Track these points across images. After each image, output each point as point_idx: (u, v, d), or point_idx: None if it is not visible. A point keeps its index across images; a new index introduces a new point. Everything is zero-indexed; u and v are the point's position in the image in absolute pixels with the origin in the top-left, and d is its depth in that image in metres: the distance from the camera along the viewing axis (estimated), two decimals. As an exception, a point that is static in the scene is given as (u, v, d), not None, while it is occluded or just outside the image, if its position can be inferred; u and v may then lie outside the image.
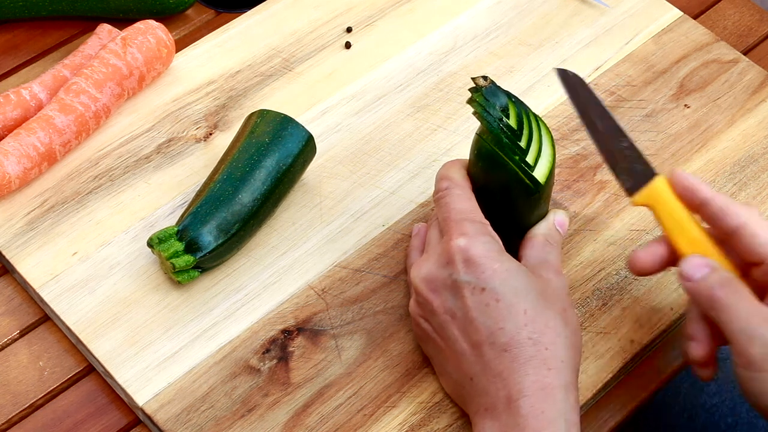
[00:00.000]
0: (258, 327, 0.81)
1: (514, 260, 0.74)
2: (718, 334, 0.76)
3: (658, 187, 0.77)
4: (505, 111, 0.77)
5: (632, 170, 0.78)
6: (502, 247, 0.75)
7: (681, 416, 0.89)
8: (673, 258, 0.76)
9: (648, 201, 0.77)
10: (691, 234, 0.76)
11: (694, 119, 0.94)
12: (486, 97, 0.77)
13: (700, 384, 0.89)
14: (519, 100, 0.78)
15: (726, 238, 0.76)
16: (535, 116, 0.78)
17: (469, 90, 0.78)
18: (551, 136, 0.78)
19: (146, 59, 0.90)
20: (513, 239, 0.79)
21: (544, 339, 0.70)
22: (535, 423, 0.67)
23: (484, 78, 0.78)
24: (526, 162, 0.76)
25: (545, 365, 0.69)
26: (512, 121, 0.77)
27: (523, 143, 0.76)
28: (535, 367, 0.69)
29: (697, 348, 0.75)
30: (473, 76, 0.78)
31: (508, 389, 0.69)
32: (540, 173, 0.77)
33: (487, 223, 0.76)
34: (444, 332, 0.73)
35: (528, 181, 0.76)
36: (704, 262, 0.73)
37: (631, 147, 0.78)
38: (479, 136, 0.78)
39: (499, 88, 0.77)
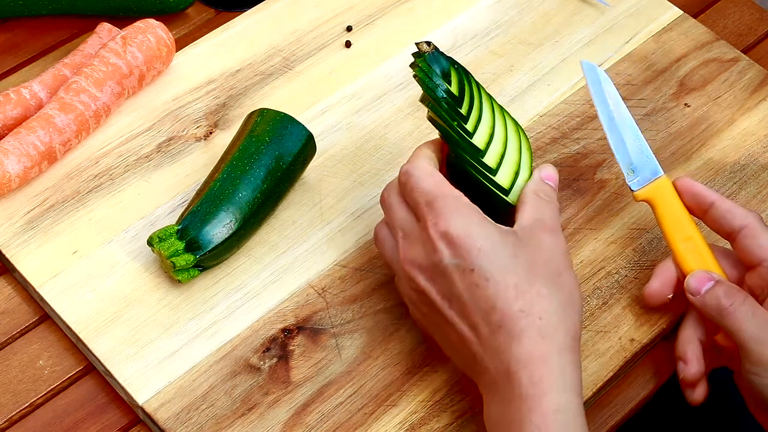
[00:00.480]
0: (258, 326, 0.81)
1: (498, 229, 0.72)
2: (710, 356, 0.77)
3: (662, 185, 0.81)
4: (447, 77, 0.77)
5: (640, 167, 0.81)
6: (481, 215, 0.73)
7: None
8: (682, 277, 0.79)
9: (650, 197, 0.81)
10: (686, 233, 0.79)
11: (694, 118, 0.94)
12: (429, 63, 0.77)
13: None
14: (462, 67, 0.78)
15: (728, 240, 0.79)
16: (477, 84, 0.78)
17: (412, 55, 0.78)
18: (494, 104, 0.78)
19: (146, 58, 0.90)
20: (494, 208, 0.76)
21: (535, 309, 0.69)
22: (533, 390, 0.67)
23: (428, 44, 0.77)
24: (465, 128, 0.76)
25: (539, 334, 0.69)
26: (453, 88, 0.77)
27: (464, 110, 0.76)
28: (529, 338, 0.69)
29: (689, 370, 0.77)
30: (417, 41, 0.78)
31: (506, 363, 0.69)
32: (479, 140, 0.76)
33: (458, 193, 0.73)
34: (444, 316, 0.73)
35: (469, 147, 0.76)
36: (708, 275, 0.77)
37: (643, 145, 0.82)
38: (422, 101, 0.78)
39: (442, 54, 0.78)
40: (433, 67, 0.77)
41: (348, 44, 0.97)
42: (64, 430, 0.77)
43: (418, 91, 0.94)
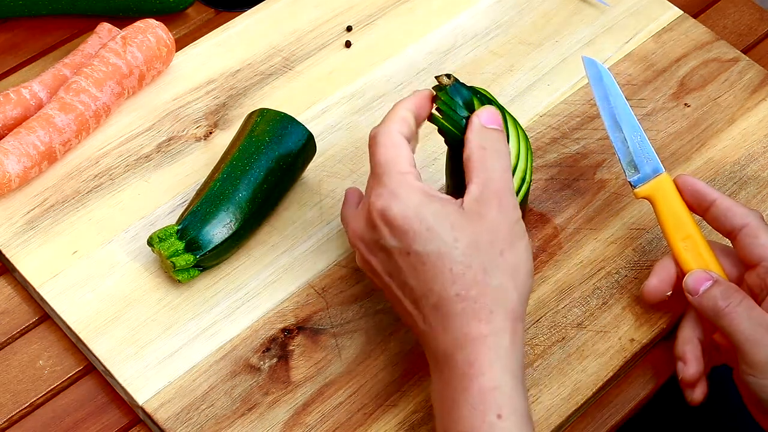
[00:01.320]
0: (258, 326, 0.81)
1: (442, 209, 0.70)
2: (709, 356, 0.78)
3: (663, 182, 0.81)
4: (470, 107, 0.76)
5: (641, 164, 0.81)
6: (426, 195, 0.70)
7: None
8: (681, 275, 0.79)
9: (651, 194, 0.81)
10: (686, 231, 0.79)
11: (694, 118, 0.94)
12: (451, 95, 0.76)
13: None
14: (483, 93, 0.78)
15: (728, 238, 0.79)
16: (500, 106, 0.78)
17: (433, 89, 0.77)
18: (517, 125, 0.78)
19: (146, 58, 0.90)
20: None
21: (471, 293, 0.69)
22: (469, 370, 0.68)
23: (448, 76, 0.77)
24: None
25: (475, 317, 0.68)
26: None
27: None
28: (466, 321, 0.68)
29: (688, 369, 0.77)
30: (437, 75, 0.78)
31: (444, 344, 0.69)
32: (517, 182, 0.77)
33: (411, 170, 0.71)
34: (390, 290, 0.73)
35: None
36: (706, 275, 0.77)
37: (644, 142, 0.82)
38: (442, 130, 0.77)
39: (462, 85, 0.77)
40: (455, 99, 0.76)
41: (348, 44, 0.97)
42: (64, 430, 0.77)
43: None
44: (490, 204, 0.71)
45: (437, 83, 0.77)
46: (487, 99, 0.78)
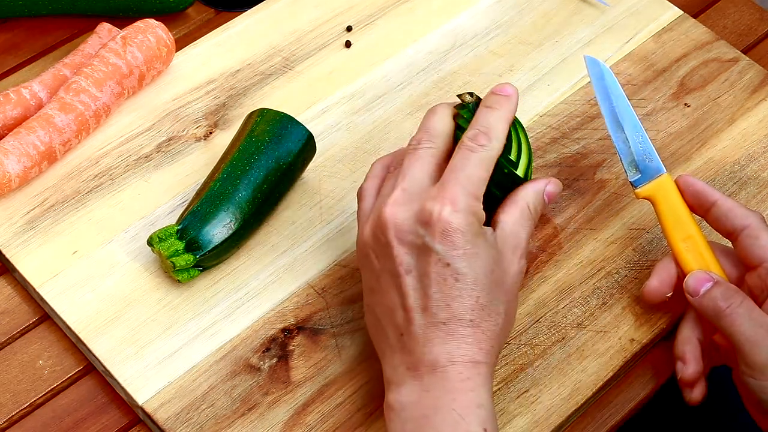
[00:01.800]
0: (258, 326, 0.81)
1: (490, 246, 0.72)
2: (709, 357, 0.78)
3: (664, 183, 0.80)
4: None
5: (642, 164, 0.81)
6: (481, 222, 0.72)
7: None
8: (682, 275, 0.79)
9: (651, 195, 0.81)
10: (687, 231, 0.79)
11: (694, 118, 0.94)
12: (473, 113, 0.76)
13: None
14: None
15: (729, 239, 0.79)
16: (515, 122, 0.78)
17: (455, 107, 0.77)
18: (526, 137, 0.78)
19: (146, 58, 0.90)
20: (502, 183, 0.76)
21: (483, 324, 0.71)
22: (461, 385, 0.69)
23: (470, 94, 0.77)
24: (516, 175, 0.76)
25: (478, 345, 0.70)
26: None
27: (513, 155, 0.76)
28: (469, 345, 0.70)
29: (687, 370, 0.77)
30: (459, 93, 0.77)
31: (436, 356, 0.70)
32: (521, 171, 0.77)
33: (481, 201, 0.73)
34: (390, 280, 0.72)
35: (510, 183, 0.76)
36: (707, 276, 0.77)
37: (645, 142, 0.82)
38: None
39: None
40: None
41: (348, 44, 0.97)
42: (64, 430, 0.77)
43: (419, 90, 0.95)
44: (515, 253, 0.74)
45: (459, 101, 0.77)
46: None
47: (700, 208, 0.80)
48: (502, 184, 0.76)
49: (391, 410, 0.71)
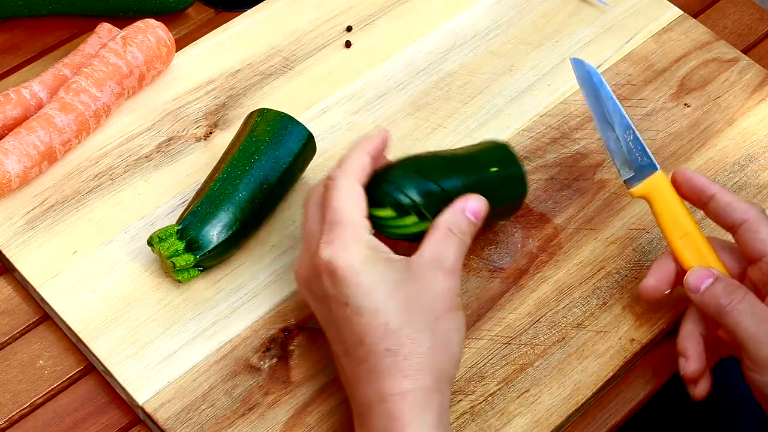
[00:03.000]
0: (258, 326, 0.81)
1: (387, 266, 0.71)
2: (712, 351, 0.77)
3: (658, 180, 0.80)
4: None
5: (635, 163, 0.80)
6: (378, 251, 0.72)
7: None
8: (681, 273, 0.78)
9: (646, 193, 0.80)
10: (684, 228, 0.78)
11: (694, 118, 0.94)
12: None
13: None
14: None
15: (729, 233, 0.78)
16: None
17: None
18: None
19: (146, 58, 0.90)
20: None
21: (403, 350, 0.69)
22: (391, 424, 0.68)
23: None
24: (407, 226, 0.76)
25: (401, 373, 0.69)
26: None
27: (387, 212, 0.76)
28: (392, 376, 0.69)
29: (689, 366, 0.76)
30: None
31: (368, 396, 0.70)
32: (413, 218, 0.77)
33: (364, 223, 0.72)
34: (325, 332, 0.74)
35: None
36: (707, 272, 0.76)
37: (637, 140, 0.81)
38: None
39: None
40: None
41: (348, 44, 0.97)
42: (64, 430, 0.77)
43: (418, 90, 0.95)
44: (436, 274, 0.72)
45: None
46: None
47: (698, 201, 0.79)
48: (410, 235, 0.76)
49: None
